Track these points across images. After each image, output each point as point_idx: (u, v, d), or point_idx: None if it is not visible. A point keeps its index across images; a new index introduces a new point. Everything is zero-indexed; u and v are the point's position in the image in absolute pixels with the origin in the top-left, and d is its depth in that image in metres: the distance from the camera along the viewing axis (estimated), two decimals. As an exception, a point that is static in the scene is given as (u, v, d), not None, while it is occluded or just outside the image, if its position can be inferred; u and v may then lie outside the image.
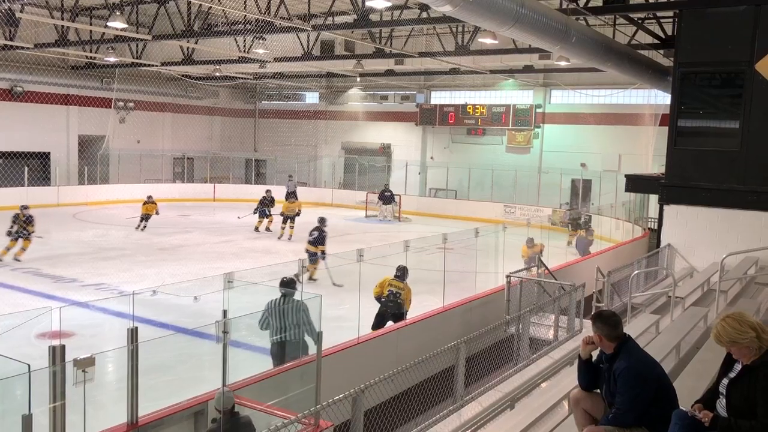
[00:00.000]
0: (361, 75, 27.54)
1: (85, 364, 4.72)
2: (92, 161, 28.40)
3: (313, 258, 13.96)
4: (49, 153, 27.76)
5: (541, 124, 28.22)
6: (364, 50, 22.62)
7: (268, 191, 22.67)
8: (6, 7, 15.77)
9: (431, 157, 31.11)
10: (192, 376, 8.43)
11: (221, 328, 6.01)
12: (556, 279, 11.83)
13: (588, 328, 5.38)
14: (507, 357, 8.58)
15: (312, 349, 7.28)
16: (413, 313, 10.57)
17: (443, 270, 11.13)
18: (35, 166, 26.24)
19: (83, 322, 10.50)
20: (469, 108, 29.40)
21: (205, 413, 6.38)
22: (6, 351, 5.61)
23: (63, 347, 4.88)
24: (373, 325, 10.02)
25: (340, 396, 5.15)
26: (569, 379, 6.07)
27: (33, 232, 15.51)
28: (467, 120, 29.53)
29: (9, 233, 15.22)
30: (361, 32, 20.31)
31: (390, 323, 10.12)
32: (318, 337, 6.64)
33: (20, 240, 15.30)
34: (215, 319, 6.56)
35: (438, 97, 31.17)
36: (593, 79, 24.75)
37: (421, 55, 21.39)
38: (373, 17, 17.29)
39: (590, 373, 4.49)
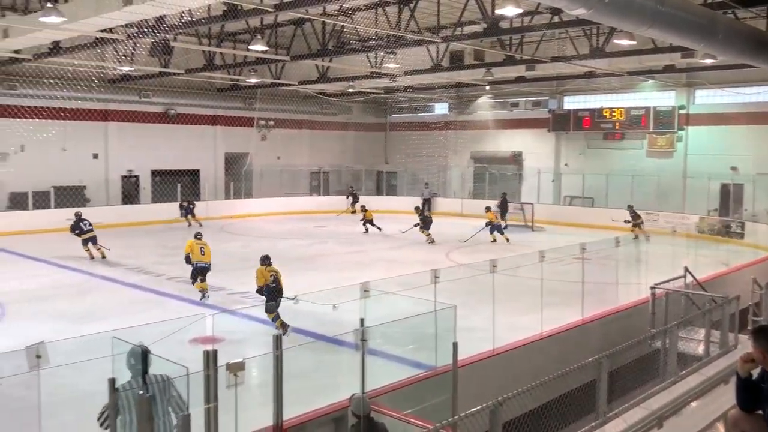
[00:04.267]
0: (491, 83, 27.29)
1: (237, 368, 5.01)
2: (237, 177, 30.25)
3: None
4: (198, 170, 29.91)
5: (684, 127, 26.56)
6: (494, 58, 22.42)
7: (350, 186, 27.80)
8: (162, 37, 17.19)
9: (565, 164, 30.19)
10: (330, 382, 8.68)
11: (360, 336, 6.16)
12: (705, 291, 11.08)
13: (745, 344, 4.99)
14: (652, 373, 8.13)
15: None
16: (551, 325, 10.30)
17: (581, 281, 10.76)
18: (187, 183, 28.31)
19: (231, 329, 11.15)
20: (606, 112, 28.24)
21: (345, 420, 6.57)
22: (163, 355, 6.07)
23: (215, 352, 5.22)
24: (269, 308, 10.87)
25: (478, 408, 5.11)
26: (724, 398, 5.67)
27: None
28: (604, 124, 28.38)
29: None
30: (490, 40, 20.17)
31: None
32: (454, 348, 6.63)
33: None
34: (351, 327, 6.74)
35: (572, 102, 30.22)
36: (743, 76, 22.96)
37: (554, 60, 20.85)
38: (503, 25, 17.12)
39: (751, 393, 4.16)
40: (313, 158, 33.85)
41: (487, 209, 22.48)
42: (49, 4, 13.15)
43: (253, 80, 25.71)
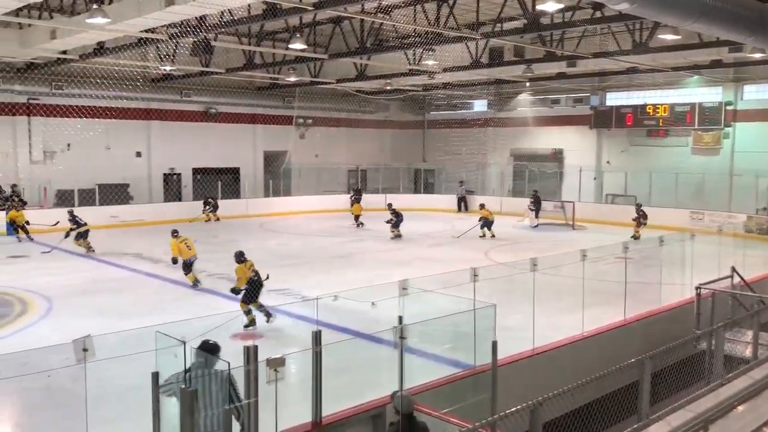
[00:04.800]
0: (531, 80, 27.00)
1: (277, 363, 5.05)
2: (276, 175, 30.54)
3: None
4: (238, 168, 30.28)
5: (732, 123, 25.85)
6: (534, 54, 22.16)
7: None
8: (203, 37, 17.44)
9: (607, 162, 29.68)
10: (369, 379, 8.70)
11: (398, 333, 6.14)
12: (754, 291, 10.78)
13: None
14: (697, 375, 7.94)
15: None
16: (592, 325, 10.13)
17: (624, 281, 10.57)
18: (227, 181, 28.69)
19: (270, 325, 11.26)
20: (649, 108, 27.67)
21: (383, 417, 6.56)
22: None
23: (256, 348, 5.27)
24: (248, 298, 11.18)
25: (518, 407, 5.05)
26: (774, 402, 5.49)
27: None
28: (647, 121, 27.80)
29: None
30: (530, 36, 19.93)
31: None
32: (493, 347, 6.57)
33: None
34: (389, 325, 6.73)
35: (614, 99, 29.68)
36: (795, 70, 22.29)
37: (595, 55, 20.51)
38: (544, 20, 16.90)
39: (802, 398, 4.02)
40: (351, 156, 33.97)
41: (482, 206, 22.91)
42: (94, 6, 13.44)
43: (292, 79, 25.90)
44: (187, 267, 14.37)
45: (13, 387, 7.41)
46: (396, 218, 22.04)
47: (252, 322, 11.21)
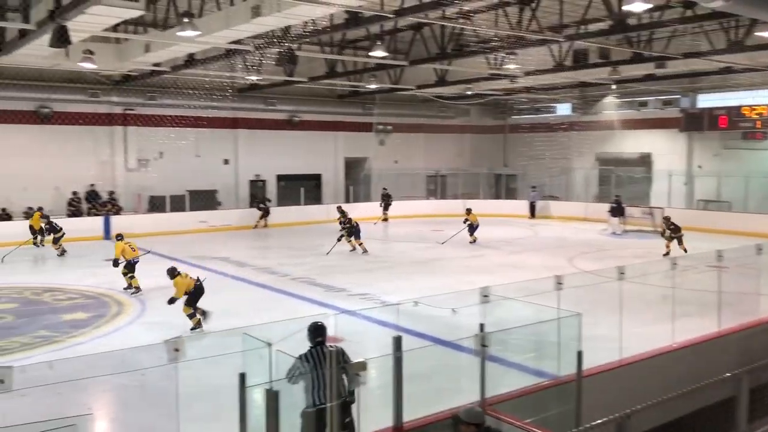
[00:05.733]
0: (617, 82, 26.20)
1: (359, 368, 5.11)
2: (356, 181, 30.91)
3: None
4: (320, 175, 30.83)
5: (839, 124, 24.25)
6: (621, 56, 21.48)
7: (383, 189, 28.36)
8: (287, 47, 17.90)
9: (699, 166, 28.40)
10: (449, 386, 8.65)
11: (480, 341, 6.09)
12: None
13: None
14: (801, 392, 7.46)
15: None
16: (683, 336, 9.70)
17: (717, 291, 10.07)
18: (309, 187, 29.27)
19: (351, 329, 11.35)
20: (745, 110, 26.30)
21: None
22: (289, 351, 6.29)
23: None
24: (192, 302, 11.42)
25: (604, 420, 4.91)
26: None
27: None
28: (742, 123, 26.43)
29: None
30: (616, 38, 19.35)
31: None
32: (578, 357, 6.40)
33: None
34: (470, 332, 6.67)
35: (706, 100, 28.38)
36: None
37: (686, 56, 19.68)
38: (630, 21, 16.37)
39: None
40: (430, 161, 33.92)
41: (468, 211, 22.42)
42: (185, 20, 14.05)
43: (373, 86, 26.17)
44: (131, 267, 14.91)
45: (111, 383, 7.82)
46: (346, 226, 20.38)
47: (198, 324, 11.36)
